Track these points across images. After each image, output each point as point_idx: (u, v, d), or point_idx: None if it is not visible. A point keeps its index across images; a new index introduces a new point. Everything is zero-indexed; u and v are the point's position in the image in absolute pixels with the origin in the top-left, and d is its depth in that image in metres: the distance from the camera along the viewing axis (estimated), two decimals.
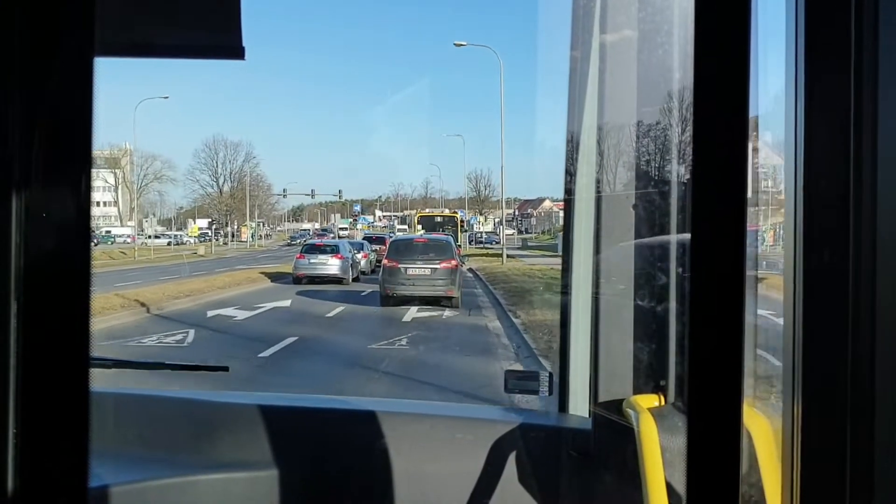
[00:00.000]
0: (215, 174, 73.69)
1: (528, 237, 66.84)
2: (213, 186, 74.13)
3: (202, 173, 73.69)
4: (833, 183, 0.85)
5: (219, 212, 72.09)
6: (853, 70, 0.85)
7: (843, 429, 0.85)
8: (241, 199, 69.79)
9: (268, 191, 76.71)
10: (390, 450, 1.83)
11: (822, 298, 0.86)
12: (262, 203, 77.93)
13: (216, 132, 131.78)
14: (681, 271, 1.48)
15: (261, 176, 79.21)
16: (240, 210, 69.33)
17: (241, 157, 74.61)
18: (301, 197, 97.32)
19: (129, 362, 2.43)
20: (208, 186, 74.34)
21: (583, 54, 1.82)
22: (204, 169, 73.53)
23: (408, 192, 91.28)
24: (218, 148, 74.43)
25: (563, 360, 2.01)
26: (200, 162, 74.16)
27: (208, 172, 73.70)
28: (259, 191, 75.49)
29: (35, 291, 0.63)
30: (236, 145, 78.93)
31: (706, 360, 0.72)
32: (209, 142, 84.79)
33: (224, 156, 73.74)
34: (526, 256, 40.33)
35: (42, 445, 0.63)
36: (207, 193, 74.46)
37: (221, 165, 73.84)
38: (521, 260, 36.54)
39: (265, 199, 78.66)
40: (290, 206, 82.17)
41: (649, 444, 1.30)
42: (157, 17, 1.08)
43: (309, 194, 63.34)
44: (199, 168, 73.84)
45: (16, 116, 0.62)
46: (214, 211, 72.81)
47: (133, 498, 1.75)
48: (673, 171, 1.55)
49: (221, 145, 75.15)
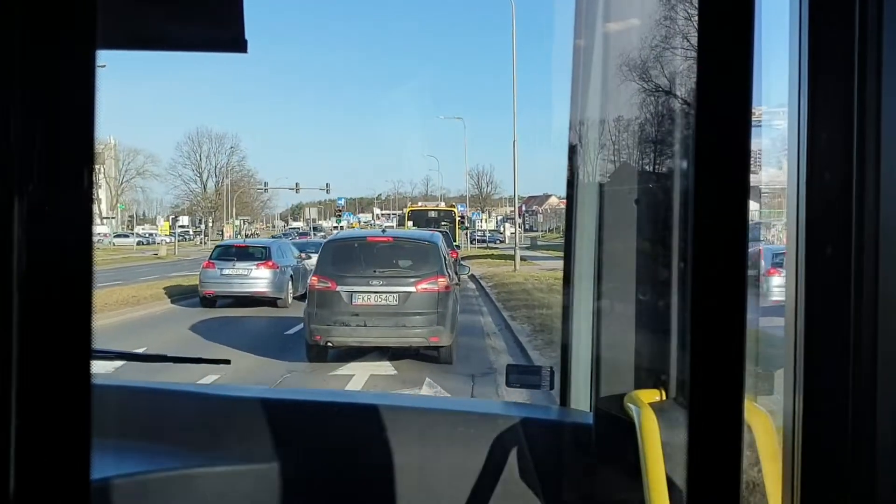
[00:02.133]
0: (199, 169, 70.49)
1: (537, 235, 61.80)
2: (196, 182, 71.01)
3: (184, 167, 70.55)
4: (836, 179, 0.85)
5: (202, 209, 68.93)
6: (856, 65, 0.84)
7: (844, 424, 0.85)
8: (226, 196, 66.72)
9: (251, 184, 73.34)
10: (392, 444, 1.84)
11: (824, 293, 0.86)
12: (253, 200, 74.66)
13: (200, 124, 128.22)
14: (682, 266, 1.47)
15: (251, 172, 76.35)
16: (226, 207, 66.41)
17: (227, 150, 71.29)
18: (300, 195, 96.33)
19: (132, 354, 2.44)
20: (191, 182, 71.16)
21: (586, 45, 1.81)
22: (187, 163, 70.38)
23: (407, 190, 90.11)
24: (202, 140, 71.05)
25: (565, 354, 2.01)
26: (183, 155, 70.88)
27: (191, 167, 70.57)
28: (248, 186, 72.30)
29: (37, 285, 0.63)
30: (221, 138, 74.43)
31: (707, 355, 0.72)
32: (192, 134, 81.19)
33: (208, 149, 70.57)
34: (539, 258, 32.02)
35: (44, 437, 0.64)
36: (191, 189, 71.30)
37: (206, 159, 70.59)
38: (533, 263, 28.47)
39: (256, 197, 75.32)
40: (290, 204, 78.34)
41: (650, 439, 1.31)
42: (158, 10, 1.07)
43: (293, 188, 60.59)
44: (182, 162, 70.67)
45: (16, 110, 0.62)
46: (198, 208, 69.57)
47: (135, 490, 1.75)
48: (675, 166, 1.55)
49: (206, 138, 71.72)
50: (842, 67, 0.85)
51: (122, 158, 63.60)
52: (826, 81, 0.86)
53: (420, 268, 10.39)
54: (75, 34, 0.63)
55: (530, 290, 17.08)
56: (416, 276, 10.30)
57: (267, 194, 75.30)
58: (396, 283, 10.21)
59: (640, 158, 1.68)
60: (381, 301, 10.15)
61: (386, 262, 10.50)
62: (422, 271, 10.34)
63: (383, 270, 10.34)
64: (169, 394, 2.17)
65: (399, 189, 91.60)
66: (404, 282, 10.23)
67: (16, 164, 0.63)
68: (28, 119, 0.63)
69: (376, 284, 10.17)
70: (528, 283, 18.85)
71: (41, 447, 0.64)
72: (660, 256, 1.57)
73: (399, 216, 50.48)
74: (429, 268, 10.36)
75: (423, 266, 10.40)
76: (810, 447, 0.87)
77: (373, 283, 10.18)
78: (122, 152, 63.60)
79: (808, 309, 0.86)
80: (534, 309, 13.68)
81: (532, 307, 13.95)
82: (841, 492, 0.85)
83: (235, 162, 72.53)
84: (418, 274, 10.31)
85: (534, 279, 19.96)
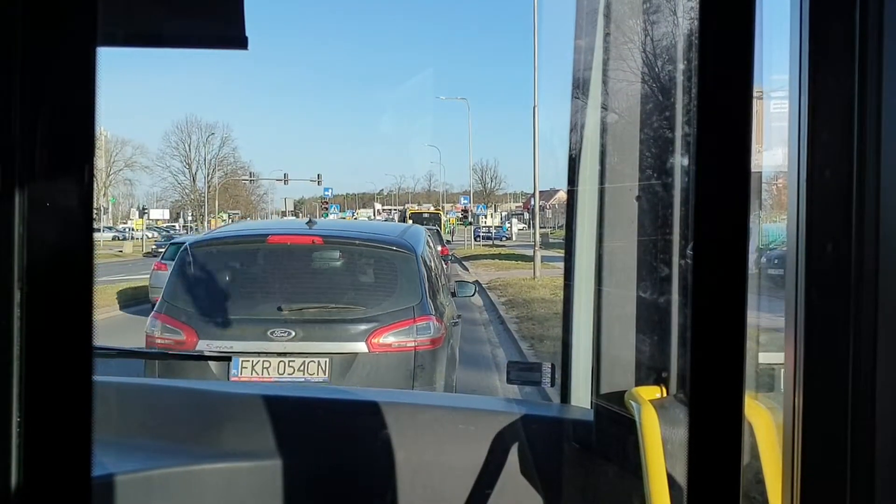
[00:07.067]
0: (188, 160, 67.73)
1: (546, 231, 55.46)
2: (185, 174, 68.26)
3: (173, 158, 67.90)
4: (836, 176, 0.85)
5: (191, 202, 66.56)
6: (857, 61, 0.84)
7: (844, 421, 0.85)
8: (215, 190, 64.49)
9: (241, 175, 70.45)
10: (393, 440, 1.84)
11: (824, 291, 0.86)
12: (249, 194, 72.41)
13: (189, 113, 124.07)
14: (683, 262, 1.47)
15: (245, 166, 73.31)
16: (217, 200, 63.93)
17: (216, 140, 68.17)
18: (302, 191, 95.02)
19: (133, 351, 2.45)
20: (179, 174, 68.40)
21: (587, 44, 1.81)
22: (175, 154, 67.70)
23: (410, 185, 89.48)
24: (191, 130, 68.22)
25: (566, 351, 2.01)
26: (171, 146, 67.97)
27: (180, 158, 67.84)
28: (238, 178, 69.61)
29: (38, 281, 0.63)
30: (212, 127, 71.54)
31: (708, 352, 0.72)
32: (181, 124, 75.97)
33: (197, 139, 67.65)
34: (555, 259, 19.69)
35: (46, 434, 0.64)
36: (178, 182, 68.50)
37: (195, 150, 67.72)
38: (552, 265, 19.32)
39: (252, 191, 73.24)
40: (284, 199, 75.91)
41: (651, 436, 1.31)
42: (159, 7, 1.07)
43: (281, 179, 56.87)
44: (170, 153, 67.97)
45: (18, 106, 0.62)
46: (188, 201, 67.16)
47: (137, 487, 1.76)
48: (676, 163, 1.54)
49: (195, 127, 68.90)
50: (843, 64, 0.85)
51: (111, 150, 62.21)
52: (827, 78, 0.86)
53: (381, 300, 5.11)
54: (76, 32, 0.63)
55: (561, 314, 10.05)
56: (369, 318, 4.98)
57: (262, 189, 73.42)
58: (327, 333, 4.93)
59: (640, 155, 1.68)
60: (292, 374, 4.88)
61: (307, 291, 5.20)
62: (385, 307, 5.04)
63: (300, 308, 5.04)
64: (170, 390, 2.17)
65: (402, 184, 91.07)
66: (344, 331, 4.94)
67: (17, 161, 0.63)
68: (29, 116, 0.63)
69: (284, 338, 4.88)
70: (554, 303, 11.81)
71: (43, 443, 0.64)
72: (660, 253, 1.57)
73: (400, 212, 50.29)
74: (400, 299, 5.09)
75: (386, 296, 5.14)
76: (810, 444, 0.87)
77: (276, 333, 4.88)
78: (110, 142, 62.35)
79: (808, 306, 0.86)
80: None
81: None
82: (841, 489, 0.86)
83: (226, 153, 70.25)
84: (374, 314, 5.00)
85: (559, 293, 12.38)
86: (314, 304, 5.09)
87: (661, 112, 1.59)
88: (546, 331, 10.40)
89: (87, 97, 0.63)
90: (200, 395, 2.11)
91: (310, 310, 5.05)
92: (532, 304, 12.86)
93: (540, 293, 14.46)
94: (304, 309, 5.04)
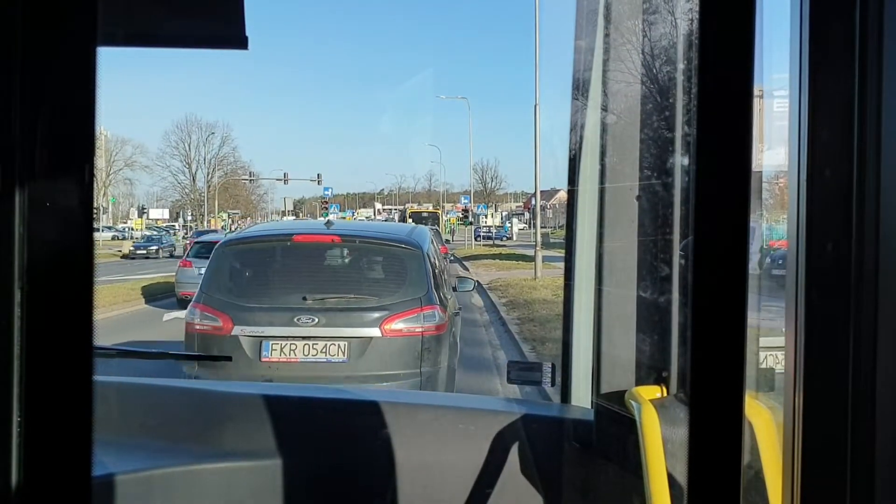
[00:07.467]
0: (188, 159, 67.75)
1: (547, 231, 57.67)
2: (184, 173, 68.23)
3: (173, 158, 67.89)
4: (836, 176, 0.85)
5: (191, 202, 66.50)
6: (857, 61, 0.84)
7: (844, 421, 0.85)
8: (215, 189, 64.50)
9: (241, 174, 70.35)
10: (393, 439, 1.84)
11: (824, 291, 0.86)
12: (249, 194, 72.29)
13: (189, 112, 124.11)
14: (683, 262, 1.47)
15: (245, 166, 73.06)
16: (217, 200, 64.15)
17: (216, 139, 68.25)
18: (304, 191, 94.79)
19: (133, 351, 2.45)
20: (179, 173, 68.36)
21: (587, 45, 1.81)
22: (175, 154, 67.71)
23: (410, 185, 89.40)
24: (191, 130, 68.21)
25: (566, 350, 2.01)
26: (171, 146, 68.01)
27: (179, 157, 67.84)
28: (238, 178, 69.44)
29: (39, 281, 0.63)
30: (212, 127, 71.24)
31: (708, 352, 0.72)
32: (181, 123, 76.59)
33: (197, 139, 67.71)
34: (555, 258, 20.27)
35: (46, 434, 0.64)
36: (178, 181, 68.45)
37: (195, 150, 67.74)
38: (553, 265, 19.46)
39: (252, 190, 73.13)
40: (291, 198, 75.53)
41: (651, 435, 1.31)
42: (159, 6, 1.08)
43: (281, 179, 56.85)
44: (170, 153, 68.01)
45: (18, 106, 0.62)
46: (188, 201, 67.05)
47: (137, 487, 1.76)
48: (676, 162, 1.54)
49: (195, 127, 68.90)
50: (843, 64, 0.85)
51: (111, 149, 62.05)
52: (827, 78, 0.86)
53: (392, 291, 5.94)
54: (76, 32, 0.63)
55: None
56: (381, 307, 5.78)
57: (262, 188, 73.28)
58: (346, 320, 5.73)
59: (640, 155, 1.68)
60: (315, 355, 5.63)
61: (327, 283, 6.07)
62: (395, 298, 5.85)
63: (322, 298, 5.84)
64: (170, 390, 2.17)
65: (402, 184, 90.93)
66: (360, 318, 5.74)
67: (17, 161, 0.63)
68: (29, 116, 0.63)
69: (308, 324, 5.66)
70: (555, 305, 11.95)
71: (43, 443, 0.64)
72: (661, 253, 1.57)
73: (400, 212, 50.28)
74: (408, 291, 5.90)
75: (396, 288, 5.96)
76: (810, 444, 0.87)
77: (302, 320, 5.67)
78: (110, 142, 62.16)
79: (808, 306, 0.86)
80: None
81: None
82: (841, 488, 0.86)
83: (226, 152, 70.26)
84: (387, 303, 5.79)
85: (559, 294, 12.64)
86: (334, 294, 5.94)
87: (661, 112, 1.59)
88: (548, 333, 10.56)
89: (87, 97, 0.63)
90: (200, 395, 2.11)
91: (330, 299, 5.90)
92: (533, 305, 13.08)
93: (541, 294, 14.66)
94: (326, 299, 5.88)
